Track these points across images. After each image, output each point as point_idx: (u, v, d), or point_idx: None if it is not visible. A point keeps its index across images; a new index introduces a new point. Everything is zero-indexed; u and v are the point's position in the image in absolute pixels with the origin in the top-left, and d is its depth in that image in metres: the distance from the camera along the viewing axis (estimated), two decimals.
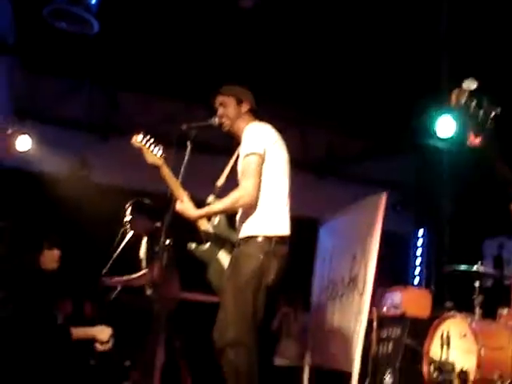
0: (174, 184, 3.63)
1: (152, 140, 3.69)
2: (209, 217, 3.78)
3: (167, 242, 3.52)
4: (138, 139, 3.67)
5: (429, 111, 7.26)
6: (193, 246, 3.79)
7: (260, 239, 3.52)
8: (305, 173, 8.16)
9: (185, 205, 3.60)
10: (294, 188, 3.74)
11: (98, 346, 3.34)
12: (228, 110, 3.78)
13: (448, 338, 5.20)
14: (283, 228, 3.59)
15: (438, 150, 7.74)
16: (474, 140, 6.57)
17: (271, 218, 3.56)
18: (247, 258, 3.50)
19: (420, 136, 7.73)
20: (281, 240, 3.55)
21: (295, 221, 3.67)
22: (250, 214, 3.59)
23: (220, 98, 3.86)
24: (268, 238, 3.52)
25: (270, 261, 3.49)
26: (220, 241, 3.74)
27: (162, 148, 3.72)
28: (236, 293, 3.43)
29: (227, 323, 3.40)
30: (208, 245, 3.75)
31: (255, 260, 3.47)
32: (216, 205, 3.63)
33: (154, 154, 3.67)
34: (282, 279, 3.60)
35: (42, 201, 7.22)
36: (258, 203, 3.58)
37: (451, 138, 7.38)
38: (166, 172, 3.64)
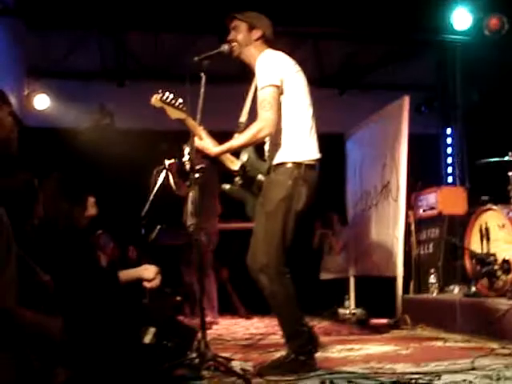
0: (197, 129, 3.60)
1: (171, 96, 3.62)
2: (236, 154, 3.77)
3: (197, 175, 3.52)
4: (157, 98, 3.61)
5: (443, 5, 7.08)
6: (227, 186, 3.80)
7: (289, 165, 3.53)
8: (324, 89, 8.08)
9: (204, 141, 3.60)
10: (317, 105, 3.71)
11: (146, 285, 3.44)
12: (239, 34, 3.71)
13: (487, 230, 5.24)
14: (311, 153, 3.58)
15: (456, 46, 7.57)
16: (494, 24, 6.40)
17: (298, 144, 3.56)
18: (276, 184, 3.53)
19: (436, 33, 7.56)
20: (310, 165, 3.56)
21: (322, 139, 3.67)
22: (278, 142, 3.59)
23: (233, 23, 3.78)
24: (297, 164, 3.52)
25: (299, 186, 3.50)
26: (251, 176, 3.74)
27: (181, 100, 3.65)
28: (266, 219, 3.48)
29: (257, 249, 3.46)
30: (241, 183, 3.76)
31: (284, 186, 3.49)
32: (236, 140, 3.61)
33: (176, 109, 3.61)
34: (314, 203, 3.63)
35: (71, 156, 7.30)
36: (284, 131, 3.57)
37: (468, 30, 7.22)
38: (191, 123, 3.60)
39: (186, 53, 6.95)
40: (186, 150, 3.67)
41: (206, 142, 3.59)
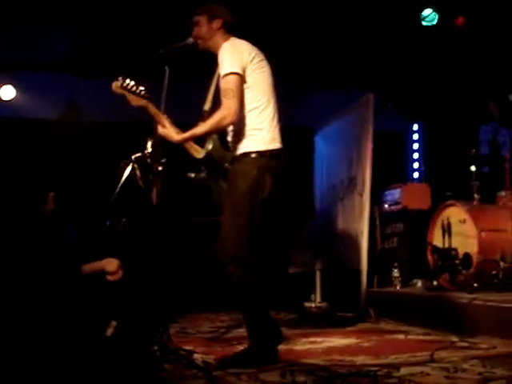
0: (160, 117, 3.60)
1: (132, 82, 3.60)
2: (200, 142, 3.78)
3: (159, 168, 3.52)
4: (118, 85, 3.59)
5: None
6: (192, 175, 3.82)
7: (253, 155, 3.56)
8: (292, 85, 8.10)
9: (168, 129, 3.59)
10: (285, 100, 3.73)
11: (109, 278, 3.45)
12: (201, 28, 3.73)
13: (449, 225, 5.34)
14: (274, 142, 3.62)
15: (422, 41, 7.63)
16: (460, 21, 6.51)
17: (262, 133, 3.58)
18: (241, 174, 3.55)
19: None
20: (273, 154, 3.59)
21: (288, 133, 3.70)
22: (241, 132, 3.61)
23: (195, 18, 3.81)
24: (260, 153, 3.56)
25: (264, 175, 3.55)
26: (217, 164, 3.76)
27: (142, 87, 3.64)
28: (232, 209, 3.50)
29: (226, 239, 3.49)
30: (206, 171, 3.78)
31: (249, 176, 3.52)
32: (199, 127, 3.62)
33: (137, 96, 3.59)
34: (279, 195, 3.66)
35: (35, 147, 7.23)
36: (247, 121, 3.59)
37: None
38: (154, 111, 3.59)
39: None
40: (149, 142, 3.65)
41: (170, 130, 3.59)
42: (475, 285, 4.79)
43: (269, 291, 3.53)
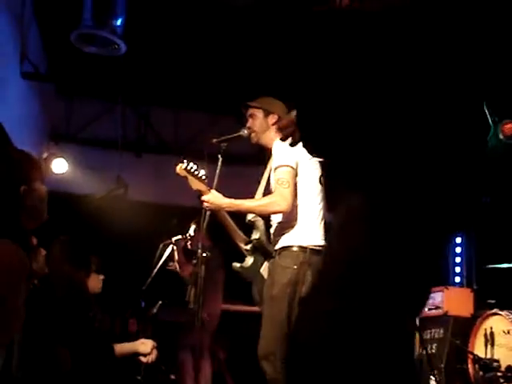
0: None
1: (195, 166, 3.68)
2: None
3: (204, 254, 3.52)
4: (182, 167, 3.67)
5: None
6: (237, 265, 3.79)
7: (294, 249, 3.54)
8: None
9: (213, 194, 3.60)
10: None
11: (142, 359, 3.40)
12: (256, 122, 3.81)
13: (492, 335, 5.16)
14: (317, 239, 3.60)
15: None
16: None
17: (305, 229, 3.58)
18: (282, 268, 3.52)
19: None
20: (315, 250, 3.56)
21: None
22: (285, 225, 3.61)
23: (250, 110, 3.89)
24: (303, 248, 3.53)
25: (304, 271, 3.50)
26: (262, 255, 3.74)
27: (203, 172, 3.70)
28: (271, 303, 3.46)
29: (263, 335, 3.42)
30: (251, 261, 3.75)
31: (289, 270, 3.49)
32: (249, 201, 3.62)
33: (198, 180, 3.65)
34: None
35: (81, 222, 7.32)
36: (292, 215, 3.60)
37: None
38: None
39: (205, 131, 7.09)
40: (192, 227, 3.68)
41: (216, 195, 3.59)
42: None
43: None
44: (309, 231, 3.58)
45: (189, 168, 3.65)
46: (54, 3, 6.09)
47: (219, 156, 3.72)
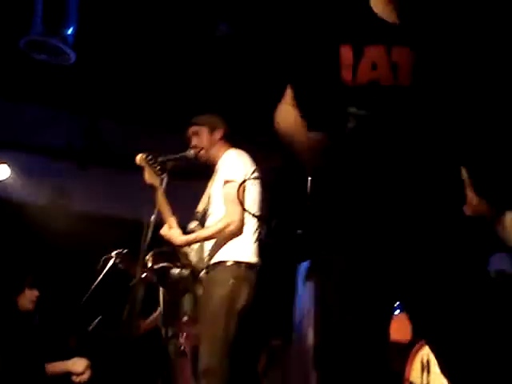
0: (165, 208, 3.62)
1: (156, 162, 3.68)
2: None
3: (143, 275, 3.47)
4: (142, 157, 3.66)
5: None
6: (176, 271, 3.76)
7: (229, 263, 3.54)
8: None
9: (173, 231, 3.59)
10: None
11: (74, 379, 3.31)
12: (201, 139, 3.81)
13: (428, 363, 5.21)
14: (252, 256, 3.61)
15: None
16: None
17: (241, 244, 3.58)
18: (217, 283, 3.51)
19: None
20: (249, 265, 3.56)
21: None
22: (220, 240, 3.60)
23: (192, 128, 3.88)
24: (238, 263, 3.53)
25: (240, 286, 3.49)
26: (196, 274, 3.71)
27: (164, 172, 3.71)
28: (208, 318, 3.43)
29: (203, 352, 3.38)
30: (188, 272, 3.73)
31: (225, 284, 3.48)
32: (203, 231, 3.62)
33: (155, 173, 3.64)
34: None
35: (20, 230, 7.15)
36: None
37: None
38: (161, 195, 3.62)
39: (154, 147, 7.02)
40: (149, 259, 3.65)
41: (175, 232, 3.58)
42: None
43: None
44: (244, 247, 3.58)
45: (149, 159, 3.65)
46: (2, 8, 5.96)
47: (163, 176, 3.70)
